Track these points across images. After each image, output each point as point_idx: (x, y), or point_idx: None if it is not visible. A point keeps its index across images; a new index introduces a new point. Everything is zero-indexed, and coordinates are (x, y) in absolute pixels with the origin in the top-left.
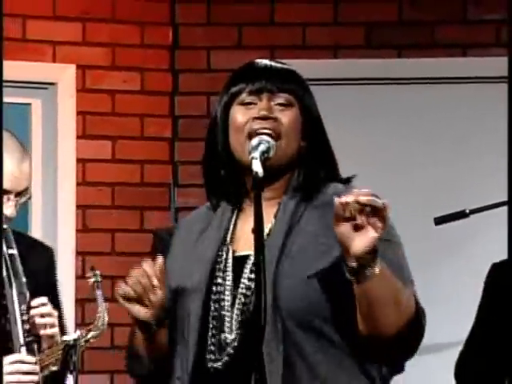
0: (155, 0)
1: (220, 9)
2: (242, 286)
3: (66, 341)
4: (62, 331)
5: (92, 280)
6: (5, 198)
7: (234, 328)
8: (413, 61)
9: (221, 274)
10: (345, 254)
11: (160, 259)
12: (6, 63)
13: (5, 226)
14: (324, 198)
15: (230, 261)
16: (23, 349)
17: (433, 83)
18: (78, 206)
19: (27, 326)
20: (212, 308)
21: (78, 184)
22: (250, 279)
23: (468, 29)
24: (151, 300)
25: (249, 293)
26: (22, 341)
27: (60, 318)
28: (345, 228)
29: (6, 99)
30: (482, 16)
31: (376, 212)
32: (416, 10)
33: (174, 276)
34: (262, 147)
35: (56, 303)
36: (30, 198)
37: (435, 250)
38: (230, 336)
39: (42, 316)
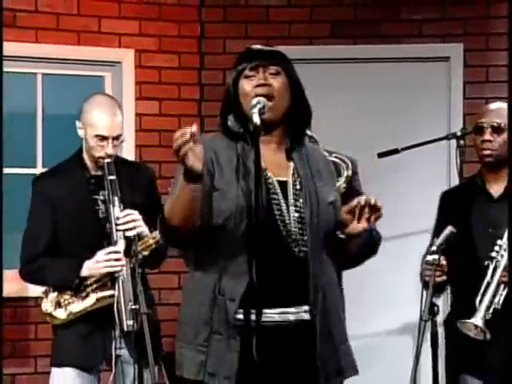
0: (187, 5)
1: (232, 11)
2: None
3: (127, 239)
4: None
5: None
6: (104, 141)
7: (297, 229)
8: (364, 47)
9: (277, 195)
10: (342, 227)
11: (194, 128)
12: (87, 48)
13: (108, 160)
14: (306, 148)
15: (276, 184)
16: (117, 243)
17: (378, 62)
18: (136, 146)
19: (120, 228)
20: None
21: (136, 131)
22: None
23: (401, 25)
24: (193, 152)
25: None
26: (115, 238)
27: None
28: (350, 215)
29: (86, 73)
30: (411, 16)
31: (373, 209)
32: (366, 10)
33: (220, 179)
34: (259, 105)
35: (157, 211)
36: (122, 142)
37: (379, 176)
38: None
39: (126, 223)
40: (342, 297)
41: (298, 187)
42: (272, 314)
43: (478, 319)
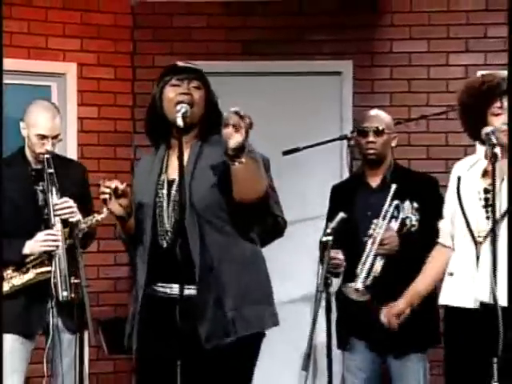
0: (122, 26)
1: (160, 31)
2: (173, 196)
3: (70, 223)
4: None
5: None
6: (45, 140)
7: (171, 219)
8: (270, 62)
9: (162, 192)
10: (226, 147)
11: (124, 184)
12: (36, 62)
13: (48, 156)
14: (212, 142)
15: (166, 183)
16: (54, 227)
17: (282, 76)
18: (78, 145)
19: (58, 213)
20: (157, 211)
21: (78, 132)
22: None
23: (302, 44)
24: (122, 203)
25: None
26: (53, 222)
27: (89, 210)
28: (228, 130)
29: (36, 83)
30: (310, 37)
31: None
32: (272, 32)
33: (137, 193)
34: (183, 110)
35: (87, 201)
36: (60, 140)
37: (285, 171)
38: (168, 225)
39: (62, 208)
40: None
41: (179, 183)
42: (164, 289)
43: (358, 284)
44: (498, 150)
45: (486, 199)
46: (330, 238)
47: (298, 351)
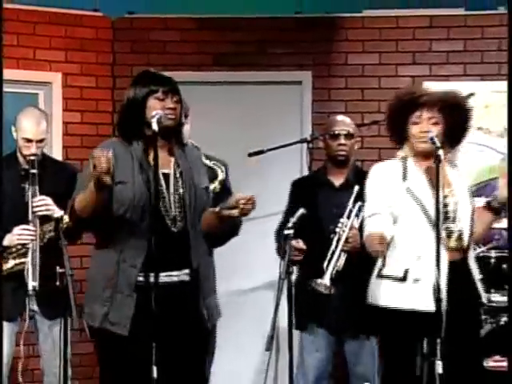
0: (103, 39)
1: (138, 44)
2: (173, 187)
3: (55, 217)
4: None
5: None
6: (30, 143)
7: (176, 210)
8: (239, 73)
9: (161, 184)
10: (221, 207)
11: (110, 153)
12: (25, 72)
13: (33, 158)
14: (188, 149)
15: (161, 175)
16: (31, 223)
17: (249, 85)
18: (63, 147)
19: (34, 210)
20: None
21: (63, 135)
22: (176, 187)
23: (267, 56)
24: (105, 169)
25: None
26: (30, 218)
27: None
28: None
29: (24, 91)
30: (274, 50)
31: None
32: (241, 45)
33: (120, 174)
34: (158, 116)
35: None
36: (46, 144)
37: (250, 171)
38: (174, 213)
39: (39, 206)
40: (213, 262)
41: (177, 176)
42: (161, 277)
43: (326, 279)
44: (441, 152)
45: (446, 212)
46: (292, 231)
47: (263, 333)
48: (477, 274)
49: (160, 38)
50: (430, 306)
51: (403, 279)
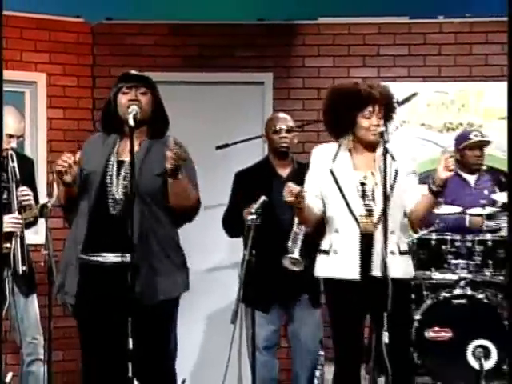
0: (84, 43)
1: (116, 48)
2: (123, 173)
3: (40, 205)
4: (36, 203)
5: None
6: (12, 139)
7: (120, 194)
8: (208, 74)
9: (112, 170)
10: (165, 168)
11: (77, 155)
12: (12, 72)
13: (11, 152)
14: (159, 142)
15: (115, 163)
16: (17, 211)
17: (217, 85)
18: (47, 140)
19: (21, 199)
20: (108, 181)
21: (47, 129)
22: (125, 174)
23: (233, 59)
24: (71, 171)
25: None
26: (16, 207)
27: (35, 197)
28: (169, 154)
29: (12, 89)
30: (240, 54)
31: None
32: (209, 49)
33: (86, 164)
34: (134, 112)
35: (34, 188)
36: (24, 139)
37: (215, 164)
38: (118, 196)
39: (24, 195)
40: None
41: (134, 164)
42: (96, 257)
43: (295, 255)
44: (388, 146)
45: (363, 190)
46: (255, 216)
47: (229, 308)
48: (383, 249)
49: (135, 42)
50: (351, 275)
51: (328, 252)
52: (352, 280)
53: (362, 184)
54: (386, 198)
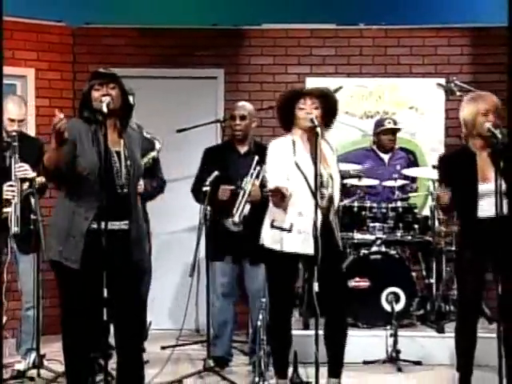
0: (66, 44)
1: (93, 48)
2: (123, 161)
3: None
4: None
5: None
6: (13, 122)
7: (123, 180)
8: (169, 70)
9: (114, 159)
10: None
11: (62, 115)
12: (5, 68)
13: (14, 134)
14: (129, 131)
15: (114, 153)
16: (14, 182)
17: (177, 79)
18: (36, 125)
19: (17, 173)
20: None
21: (36, 116)
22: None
23: (192, 58)
24: (62, 128)
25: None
26: (13, 179)
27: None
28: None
29: (5, 82)
30: (198, 52)
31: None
32: (171, 50)
33: (83, 152)
34: (107, 102)
35: (38, 164)
36: (25, 122)
37: (178, 144)
38: (123, 180)
39: (21, 170)
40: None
41: (126, 154)
42: (109, 225)
43: (236, 218)
44: (318, 129)
45: (321, 182)
46: (208, 188)
47: (187, 264)
48: (336, 226)
49: (110, 43)
50: (309, 250)
51: (290, 230)
52: (306, 254)
53: (321, 175)
54: (317, 176)
